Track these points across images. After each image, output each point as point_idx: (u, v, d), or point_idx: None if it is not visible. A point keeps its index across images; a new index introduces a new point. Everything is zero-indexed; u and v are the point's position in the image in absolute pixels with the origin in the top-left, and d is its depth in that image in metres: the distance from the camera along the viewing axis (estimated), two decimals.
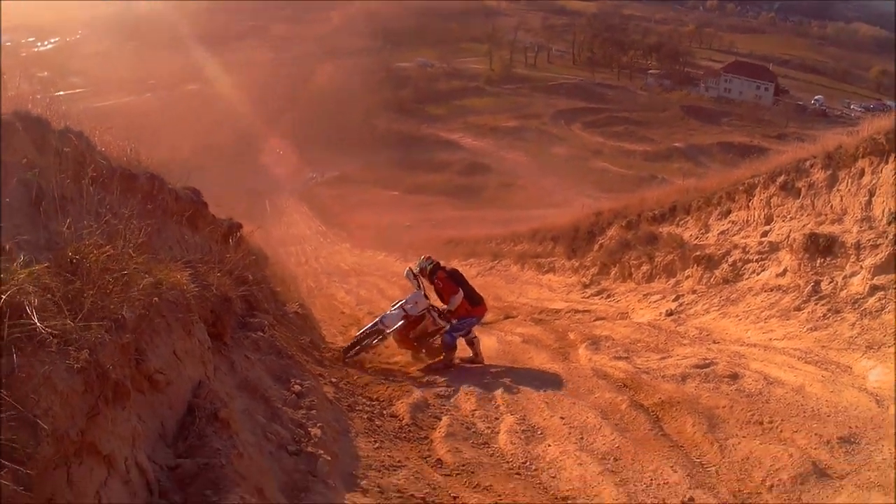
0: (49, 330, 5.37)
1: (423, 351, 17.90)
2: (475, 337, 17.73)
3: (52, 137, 9.61)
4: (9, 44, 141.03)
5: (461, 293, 17.49)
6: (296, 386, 11.77)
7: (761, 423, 11.16)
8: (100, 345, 5.88)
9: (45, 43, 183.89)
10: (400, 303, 18.01)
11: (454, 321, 17.43)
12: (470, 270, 29.59)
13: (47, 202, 8.03)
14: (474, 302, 17.84)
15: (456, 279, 17.82)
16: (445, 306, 17.70)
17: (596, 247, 29.20)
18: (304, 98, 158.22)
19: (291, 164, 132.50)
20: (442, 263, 18.44)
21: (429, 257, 18.47)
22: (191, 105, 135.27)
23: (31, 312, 5.35)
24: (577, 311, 23.06)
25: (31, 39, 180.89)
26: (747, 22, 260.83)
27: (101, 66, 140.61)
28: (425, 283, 18.09)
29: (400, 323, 17.25)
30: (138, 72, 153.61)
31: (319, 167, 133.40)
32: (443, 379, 15.63)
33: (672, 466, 10.09)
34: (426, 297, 17.84)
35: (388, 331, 17.26)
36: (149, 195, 12.07)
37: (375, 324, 17.49)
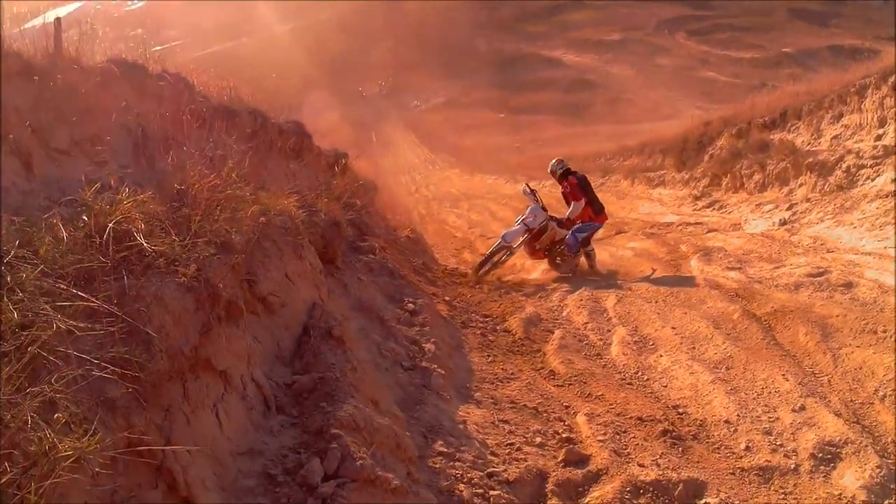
0: (155, 249, 5.64)
1: (557, 259, 18.47)
2: (592, 249, 18.30)
3: (150, 81, 9.89)
4: (99, 7, 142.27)
5: (583, 202, 18.07)
6: (409, 304, 12.06)
7: (875, 333, 11.05)
8: (207, 263, 6.15)
9: (135, 1, 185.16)
10: (521, 218, 18.49)
11: (578, 225, 17.93)
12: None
13: (150, 142, 8.29)
14: (597, 210, 18.40)
15: (582, 186, 18.31)
16: (566, 214, 18.20)
17: (706, 157, 28.86)
18: (401, 25, 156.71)
19: (395, 92, 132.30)
20: (572, 168, 18.96)
21: (560, 161, 19.02)
22: (287, 45, 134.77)
23: (138, 235, 5.62)
24: (688, 224, 23.04)
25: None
26: None
27: (193, 16, 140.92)
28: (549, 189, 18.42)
29: (523, 237, 18.02)
30: (231, 17, 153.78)
31: (423, 94, 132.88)
32: (561, 289, 15.97)
33: (784, 375, 10.11)
34: (544, 209, 18.33)
35: (513, 245, 18.04)
36: (252, 130, 12.33)
37: (501, 240, 18.09)
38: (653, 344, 12.07)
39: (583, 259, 18.41)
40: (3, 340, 4.19)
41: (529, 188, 19.10)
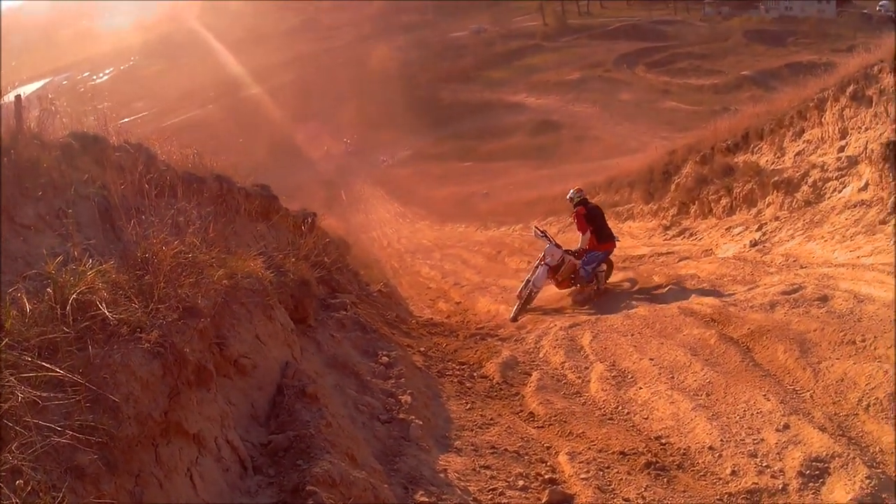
0: (118, 317, 5.63)
1: (578, 285, 19.48)
2: (601, 271, 19.35)
3: (111, 153, 9.89)
4: (65, 83, 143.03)
5: (588, 234, 19.20)
6: (383, 357, 12.02)
7: (854, 343, 11.08)
8: (172, 328, 6.13)
9: (101, 75, 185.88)
10: (540, 260, 19.50)
11: (585, 257, 18.98)
12: (551, 228, 29.59)
13: (115, 213, 8.29)
14: (601, 238, 19.34)
15: (589, 217, 19.36)
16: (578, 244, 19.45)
17: (672, 187, 28.93)
18: (363, 83, 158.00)
19: (361, 150, 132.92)
20: (588, 199, 20.14)
21: (579, 190, 20.26)
22: (254, 108, 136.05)
23: (101, 304, 5.61)
24: (660, 255, 23.07)
25: (86, 74, 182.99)
26: None
27: (159, 86, 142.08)
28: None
29: (547, 277, 19.15)
30: (197, 85, 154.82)
31: (390, 149, 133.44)
32: (536, 331, 16.12)
33: (765, 395, 10.17)
34: (558, 246, 19.34)
35: (541, 287, 19.11)
36: (218, 196, 12.35)
37: (528, 287, 18.95)
38: (631, 377, 12.06)
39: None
40: None
41: (540, 230, 20.44)
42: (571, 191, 20.30)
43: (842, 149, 20.07)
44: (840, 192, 19.32)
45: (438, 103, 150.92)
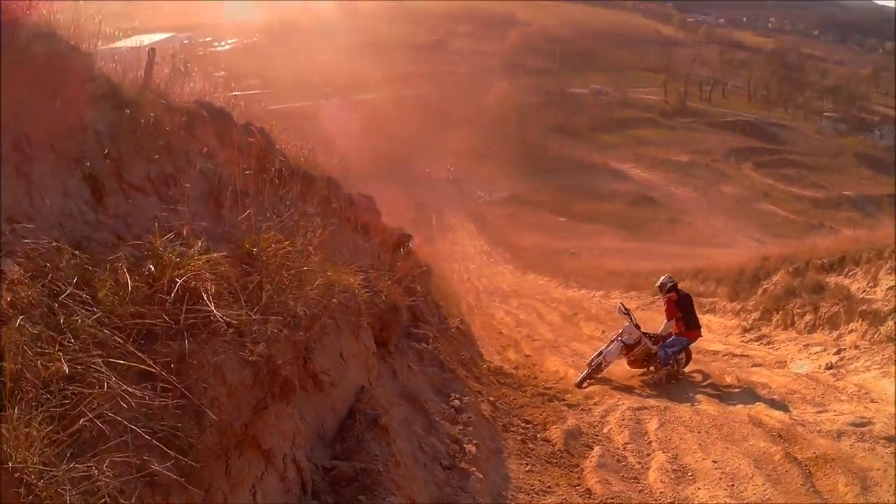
0: (226, 319, 5.48)
1: (651, 367, 19.22)
2: (680, 357, 19.07)
3: (236, 131, 9.83)
4: (187, 42, 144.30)
5: (673, 322, 19.04)
6: (455, 401, 11.86)
7: None
8: (275, 339, 5.97)
9: (223, 43, 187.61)
10: (617, 336, 19.39)
11: (671, 338, 18.86)
12: (630, 303, 29.20)
13: (227, 194, 8.18)
14: (689, 325, 19.22)
15: (679, 304, 19.29)
16: (659, 329, 19.38)
17: (759, 291, 28.46)
18: (478, 114, 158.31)
19: (461, 180, 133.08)
20: (679, 286, 20.25)
21: (671, 276, 20.36)
22: (365, 114, 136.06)
23: (208, 299, 5.46)
24: (734, 355, 22.64)
25: (208, 39, 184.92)
26: None
27: (276, 69, 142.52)
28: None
29: (620, 353, 19.16)
30: (314, 77, 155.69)
31: (489, 186, 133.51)
32: (604, 404, 15.85)
33: None
34: (637, 326, 19.48)
35: (609, 363, 18.87)
36: (325, 198, 12.27)
37: (600, 358, 18.94)
38: (692, 475, 11.80)
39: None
40: (49, 394, 4.02)
41: (624, 308, 20.20)
42: (664, 277, 20.27)
43: None
44: None
45: (545, 152, 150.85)
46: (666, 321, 19.33)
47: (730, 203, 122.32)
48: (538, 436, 13.05)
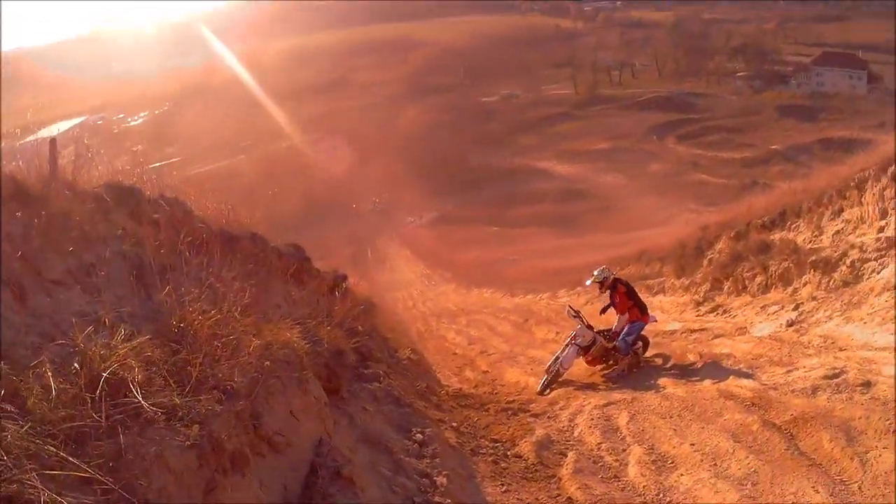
0: (155, 407, 5.24)
1: (611, 361, 19.37)
2: (640, 346, 19.34)
3: (146, 206, 9.65)
4: (100, 122, 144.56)
5: (626, 316, 19.14)
6: (417, 435, 11.67)
7: None
8: (212, 416, 5.77)
9: (136, 117, 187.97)
10: (570, 340, 19.34)
11: (626, 327, 18.90)
12: (578, 300, 29.13)
13: (147, 272, 7.99)
14: (643, 310, 19.37)
15: (630, 294, 19.49)
16: (611, 327, 19.49)
17: (705, 262, 28.59)
18: (394, 142, 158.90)
19: (388, 209, 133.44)
20: (616, 275, 20.36)
21: (605, 268, 20.32)
22: (284, 161, 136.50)
23: (135, 389, 5.23)
24: (693, 331, 22.65)
25: (121, 116, 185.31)
26: (829, 10, 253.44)
27: (192, 133, 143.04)
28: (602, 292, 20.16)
29: (577, 357, 19.10)
30: (229, 135, 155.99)
31: (417, 210, 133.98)
32: (569, 408, 15.72)
33: (813, 486, 9.82)
34: (590, 327, 19.44)
35: (566, 370, 18.82)
36: (251, 255, 12.10)
37: (557, 366, 18.90)
38: (672, 462, 11.71)
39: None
40: None
41: (573, 311, 20.08)
42: (600, 271, 20.11)
43: (881, 229, 19.76)
44: (879, 273, 18.97)
45: (467, 166, 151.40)
46: (619, 315, 19.36)
47: (659, 180, 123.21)
48: (509, 453, 12.86)
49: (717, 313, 24.81)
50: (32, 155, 8.38)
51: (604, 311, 20.64)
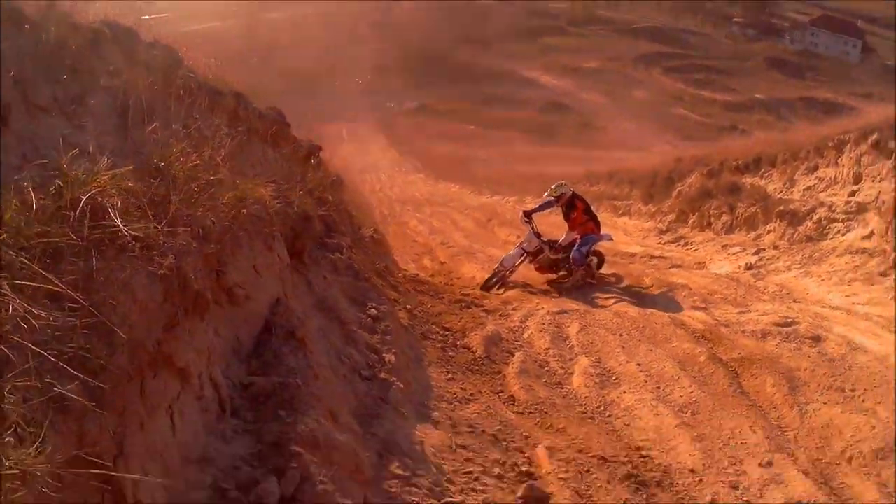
0: (132, 233, 5.13)
1: (563, 271, 19.37)
2: (594, 260, 19.26)
3: (141, 48, 9.50)
4: None
5: (574, 232, 19.24)
6: (372, 310, 11.54)
7: (843, 391, 10.86)
8: (185, 252, 5.67)
9: None
10: (518, 244, 19.81)
11: (578, 239, 18.91)
12: (548, 210, 29.27)
13: (134, 111, 7.85)
14: (598, 225, 19.40)
15: (587, 210, 19.44)
16: (560, 238, 19.46)
17: (675, 193, 28.47)
18: (385, 28, 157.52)
19: (371, 92, 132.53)
20: (574, 191, 20.01)
21: (563, 183, 20.07)
22: (273, 31, 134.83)
23: (114, 215, 5.11)
24: (652, 257, 22.77)
25: None
26: None
27: None
28: (558, 207, 19.89)
29: (521, 259, 19.37)
30: None
31: (398, 97, 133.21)
32: (522, 309, 15.80)
33: (751, 426, 9.86)
34: (538, 235, 19.43)
35: (512, 267, 19.26)
36: (233, 113, 11.94)
37: (500, 265, 19.32)
38: (616, 378, 11.71)
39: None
40: None
41: (526, 216, 19.88)
42: (562, 183, 20.01)
43: (853, 193, 19.69)
44: (844, 235, 18.97)
45: (454, 63, 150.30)
46: (569, 230, 19.41)
47: (641, 107, 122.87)
48: (458, 343, 12.82)
49: (679, 244, 24.88)
50: None
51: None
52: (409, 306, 13.98)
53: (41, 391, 3.76)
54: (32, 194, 4.80)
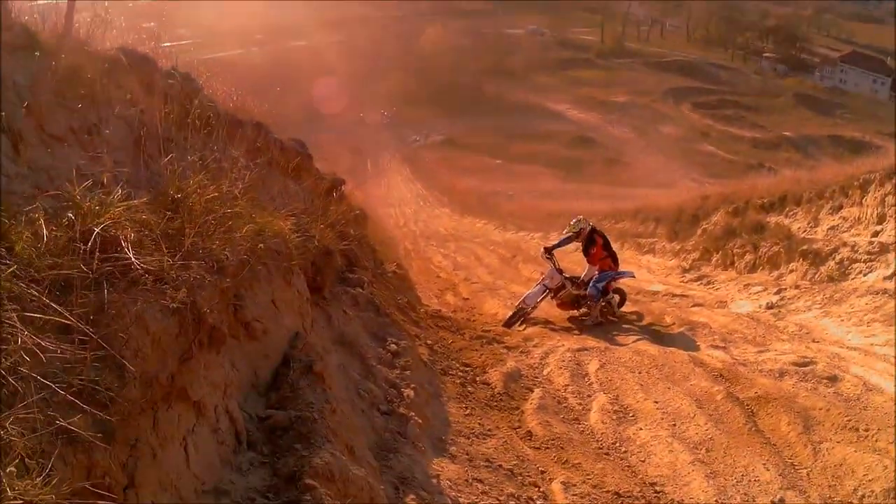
0: (145, 266, 5.26)
1: (583, 308, 19.46)
2: (612, 297, 19.29)
3: (158, 77, 9.61)
4: None
5: (595, 267, 19.37)
6: (392, 345, 11.70)
7: (857, 430, 10.89)
8: (198, 286, 5.77)
9: None
10: (540, 280, 20.05)
11: (596, 274, 19.07)
12: (569, 245, 29.30)
13: (150, 140, 7.97)
14: (615, 262, 19.53)
15: (606, 246, 19.56)
16: (582, 274, 19.62)
17: (699, 231, 28.50)
18: (411, 58, 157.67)
19: (396, 124, 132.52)
20: (593, 226, 19.94)
21: (582, 218, 20.14)
22: (297, 60, 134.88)
23: (127, 247, 5.23)
24: (674, 295, 22.76)
25: None
26: (868, 11, 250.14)
27: (207, 18, 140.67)
28: (577, 242, 19.83)
29: (542, 296, 19.47)
30: (245, 25, 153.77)
31: (424, 130, 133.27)
32: (543, 346, 15.83)
33: (764, 464, 9.99)
34: (560, 271, 19.63)
35: (534, 305, 19.27)
36: (253, 143, 12.04)
37: (522, 302, 19.32)
38: (633, 415, 11.86)
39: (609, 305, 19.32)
40: None
41: (547, 253, 20.04)
42: (580, 218, 20.14)
43: (876, 234, 19.74)
44: (865, 275, 19.02)
45: (480, 95, 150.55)
46: (589, 266, 19.56)
47: (668, 143, 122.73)
48: (477, 379, 12.98)
49: (702, 283, 24.88)
50: (49, 11, 8.33)
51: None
52: (429, 342, 14.12)
53: (48, 423, 3.89)
54: (44, 226, 4.91)
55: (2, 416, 3.67)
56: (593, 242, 19.38)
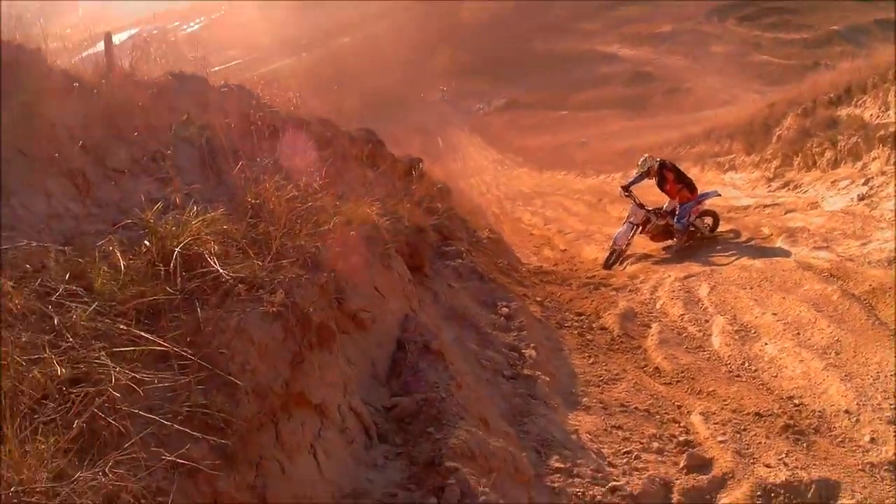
0: (235, 275, 4.99)
1: (675, 238, 19.26)
2: (700, 219, 19.20)
3: (212, 92, 9.44)
4: (155, 32, 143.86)
5: (675, 200, 19.07)
6: (503, 309, 11.41)
7: None
8: (295, 285, 5.50)
9: (192, 24, 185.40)
10: (626, 218, 19.84)
11: (678, 208, 18.82)
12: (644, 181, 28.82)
13: (217, 155, 7.75)
14: (692, 189, 19.12)
15: (679, 178, 19.34)
16: (665, 205, 19.48)
17: (774, 139, 27.81)
18: (456, 32, 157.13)
19: (456, 98, 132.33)
20: (659, 159, 19.72)
21: (648, 156, 20.03)
22: (347, 57, 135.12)
23: (212, 260, 4.99)
24: (765, 206, 22.21)
25: (176, 24, 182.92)
26: None
27: (252, 35, 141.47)
28: (650, 179, 19.65)
29: (632, 233, 19.41)
30: (289, 33, 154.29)
31: (484, 97, 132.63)
32: (650, 280, 15.55)
33: None
34: (642, 206, 19.40)
35: (626, 243, 19.40)
36: (323, 139, 11.83)
37: (614, 243, 19.42)
38: (755, 332, 11.44)
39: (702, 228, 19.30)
40: (50, 402, 3.52)
41: (626, 191, 19.86)
42: (643, 159, 19.98)
43: None
44: None
45: (532, 53, 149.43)
46: (670, 199, 19.25)
47: (722, 62, 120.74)
48: (594, 325, 12.66)
49: (789, 188, 24.26)
50: (90, 58, 8.17)
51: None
52: (538, 298, 13.84)
53: (158, 458, 3.56)
54: (119, 256, 4.71)
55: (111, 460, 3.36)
56: (664, 179, 19.20)
